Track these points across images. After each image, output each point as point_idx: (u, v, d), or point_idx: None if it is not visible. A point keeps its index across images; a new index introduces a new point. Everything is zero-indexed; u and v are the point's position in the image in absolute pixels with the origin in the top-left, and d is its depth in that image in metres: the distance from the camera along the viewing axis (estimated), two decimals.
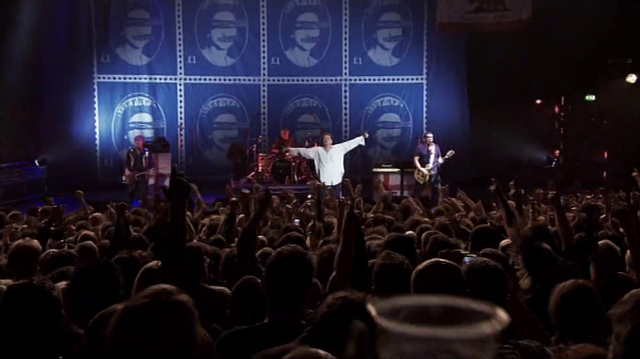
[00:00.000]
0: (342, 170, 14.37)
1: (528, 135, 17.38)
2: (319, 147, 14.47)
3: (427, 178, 14.46)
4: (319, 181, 13.58)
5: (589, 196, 11.70)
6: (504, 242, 4.88)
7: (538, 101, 18.09)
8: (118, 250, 4.58)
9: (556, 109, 18.03)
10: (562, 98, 17.76)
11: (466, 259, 3.47)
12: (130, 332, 1.78)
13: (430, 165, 14.46)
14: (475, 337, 0.74)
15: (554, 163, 17.73)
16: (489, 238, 4.96)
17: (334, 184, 13.80)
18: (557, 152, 17.92)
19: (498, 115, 16.92)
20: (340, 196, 11.64)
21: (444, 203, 8.73)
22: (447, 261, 2.76)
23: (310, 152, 14.60)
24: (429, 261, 2.76)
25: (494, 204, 9.18)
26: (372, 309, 0.76)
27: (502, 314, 0.76)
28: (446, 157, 14.38)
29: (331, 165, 14.18)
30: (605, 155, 17.23)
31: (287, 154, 15.33)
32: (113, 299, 2.82)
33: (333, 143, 14.43)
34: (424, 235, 5.38)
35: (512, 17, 16.07)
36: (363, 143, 14.78)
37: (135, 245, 5.25)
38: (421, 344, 0.73)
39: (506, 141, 16.87)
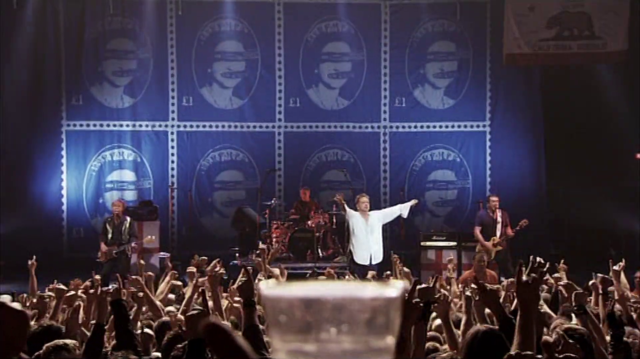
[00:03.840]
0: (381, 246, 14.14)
1: (626, 199, 17.08)
2: (356, 213, 14.27)
3: (493, 254, 14.23)
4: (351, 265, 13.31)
5: None
6: None
7: (639, 155, 17.84)
8: None
9: None
10: None
11: None
12: None
13: (497, 238, 14.23)
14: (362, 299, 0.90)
15: None
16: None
17: (373, 263, 13.55)
18: None
19: (585, 173, 16.72)
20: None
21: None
22: None
23: (351, 216, 14.34)
24: None
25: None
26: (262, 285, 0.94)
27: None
28: (518, 228, 14.18)
29: (371, 238, 13.92)
30: None
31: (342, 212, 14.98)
32: None
33: (370, 209, 14.22)
34: None
35: (604, 47, 16.05)
36: (406, 214, 14.49)
37: None
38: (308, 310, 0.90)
39: (597, 207, 16.60)
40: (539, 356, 3.99)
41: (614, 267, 8.07)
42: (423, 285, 5.00)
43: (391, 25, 17.96)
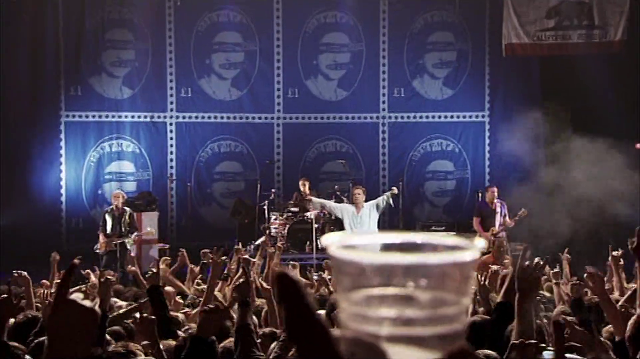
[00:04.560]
0: None
1: (625, 188, 17.07)
2: (348, 205, 14.28)
3: (492, 244, 14.24)
4: None
5: None
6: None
7: (638, 145, 17.84)
8: None
9: None
10: None
11: (545, 355, 3.70)
12: None
13: (496, 228, 14.23)
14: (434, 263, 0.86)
15: None
16: None
17: None
18: None
19: (584, 163, 16.69)
20: None
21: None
22: None
23: (337, 209, 14.41)
24: None
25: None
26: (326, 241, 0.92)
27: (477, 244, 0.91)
28: (517, 217, 14.17)
29: (360, 229, 13.91)
30: None
31: (307, 206, 15.14)
32: None
33: (366, 200, 14.23)
34: None
35: (603, 37, 16.05)
36: (391, 202, 14.48)
37: None
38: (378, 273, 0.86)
39: (595, 196, 16.58)
40: (542, 345, 4.04)
41: (613, 253, 8.09)
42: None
43: (390, 16, 17.93)
